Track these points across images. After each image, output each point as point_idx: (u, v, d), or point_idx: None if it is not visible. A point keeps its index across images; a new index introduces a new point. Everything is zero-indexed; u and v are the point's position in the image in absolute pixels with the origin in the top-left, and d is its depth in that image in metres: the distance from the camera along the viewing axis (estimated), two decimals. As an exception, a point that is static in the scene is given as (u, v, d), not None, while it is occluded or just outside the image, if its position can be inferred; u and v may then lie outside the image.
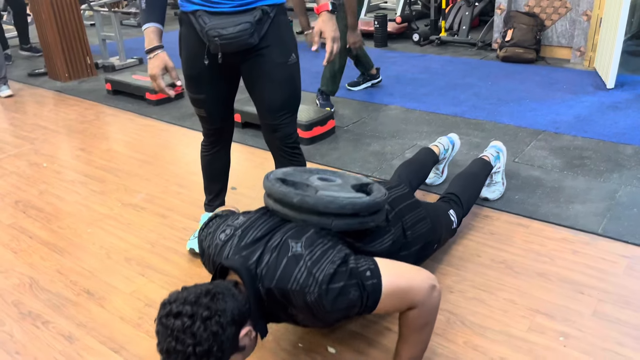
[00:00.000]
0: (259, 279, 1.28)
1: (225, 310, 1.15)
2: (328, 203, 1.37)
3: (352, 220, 1.41)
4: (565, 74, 4.09)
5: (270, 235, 1.37)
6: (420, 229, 1.67)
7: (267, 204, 1.49)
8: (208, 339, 1.11)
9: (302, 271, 1.25)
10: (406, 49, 5.17)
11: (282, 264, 1.27)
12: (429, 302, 1.31)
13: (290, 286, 1.24)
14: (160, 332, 1.14)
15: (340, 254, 1.29)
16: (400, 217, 1.63)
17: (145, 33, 1.66)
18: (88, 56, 4.79)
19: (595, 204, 2.24)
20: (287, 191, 1.41)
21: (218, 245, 1.43)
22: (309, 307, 1.24)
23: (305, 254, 1.28)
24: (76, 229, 2.30)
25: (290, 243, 1.31)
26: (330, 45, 1.71)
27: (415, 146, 2.92)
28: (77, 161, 3.01)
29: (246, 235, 1.39)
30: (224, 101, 1.87)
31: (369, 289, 1.25)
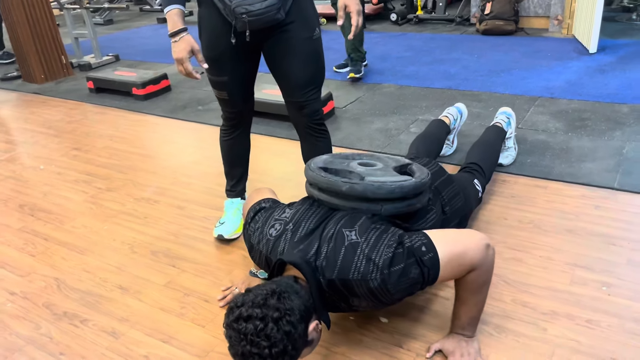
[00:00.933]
0: (320, 271, 1.29)
1: (293, 308, 1.16)
2: (376, 189, 1.38)
3: (401, 204, 1.43)
4: (546, 42, 4.18)
5: (323, 226, 1.37)
6: (456, 203, 1.69)
7: (311, 193, 1.49)
8: (282, 339, 1.12)
9: (361, 259, 1.27)
10: (385, 29, 5.18)
11: (341, 254, 1.29)
12: (487, 261, 1.33)
13: (352, 276, 1.26)
14: (232, 336, 1.14)
15: (395, 236, 1.31)
16: (438, 194, 1.65)
17: (167, 16, 1.62)
18: (63, 56, 4.63)
19: (606, 160, 2.31)
20: (334, 180, 1.41)
21: (270, 241, 1.43)
22: (373, 294, 1.26)
23: (362, 241, 1.30)
24: (92, 227, 2.23)
25: (345, 232, 1.32)
26: (355, 18, 1.70)
27: (417, 120, 2.94)
28: (75, 161, 2.91)
29: (299, 228, 1.39)
30: (246, 82, 1.84)
31: (428, 264, 1.26)
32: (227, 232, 2.00)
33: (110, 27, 7.00)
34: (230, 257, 1.95)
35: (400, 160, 1.62)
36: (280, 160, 2.67)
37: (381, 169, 1.51)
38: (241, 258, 1.93)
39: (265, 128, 3.06)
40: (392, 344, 1.48)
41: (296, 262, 1.30)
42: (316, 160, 1.56)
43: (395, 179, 1.43)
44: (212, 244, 2.03)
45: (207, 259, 1.95)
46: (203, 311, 1.68)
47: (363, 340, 1.51)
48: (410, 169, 1.56)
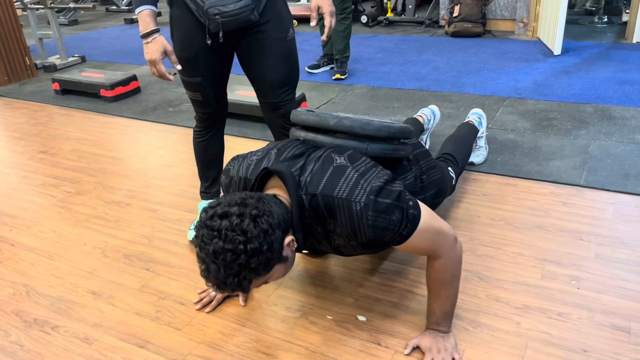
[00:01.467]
0: (303, 186, 1.24)
1: (272, 212, 1.12)
2: (365, 124, 1.37)
3: (387, 146, 1.42)
4: (513, 44, 4.28)
5: (309, 152, 1.34)
6: (434, 175, 1.71)
7: (296, 135, 1.46)
8: (259, 236, 1.07)
9: (349, 180, 1.22)
10: (356, 31, 5.22)
11: (328, 172, 1.25)
12: (454, 252, 1.35)
13: (337, 193, 1.21)
14: (204, 235, 1.07)
15: (385, 174, 1.27)
16: (417, 162, 1.66)
17: (139, 17, 1.59)
18: (27, 57, 4.50)
19: (572, 158, 2.38)
20: (322, 116, 1.39)
21: (251, 165, 1.38)
22: (351, 218, 1.20)
23: (351, 166, 1.26)
24: (61, 232, 2.18)
25: (334, 156, 1.29)
26: (328, 19, 1.71)
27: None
28: (42, 164, 2.84)
29: (283, 152, 1.35)
30: (220, 83, 1.83)
31: (410, 217, 1.24)
32: (201, 234, 1.98)
33: (75, 27, 6.84)
34: (205, 259, 1.92)
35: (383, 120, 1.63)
36: (254, 161, 2.66)
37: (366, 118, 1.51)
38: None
39: (238, 129, 3.04)
40: (371, 342, 1.49)
41: (280, 171, 1.24)
42: (300, 109, 1.53)
43: (383, 120, 1.44)
44: (187, 246, 2.01)
45: (182, 261, 1.92)
46: (179, 314, 1.66)
47: (341, 338, 1.51)
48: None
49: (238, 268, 1.07)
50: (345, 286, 1.72)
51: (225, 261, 1.06)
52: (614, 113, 2.80)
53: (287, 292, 1.71)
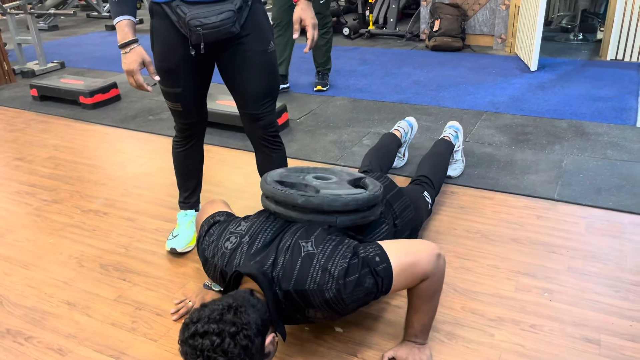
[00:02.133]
0: (276, 282, 1.30)
1: (250, 322, 1.16)
2: (332, 201, 1.41)
3: (355, 216, 1.46)
4: (491, 59, 4.37)
5: (279, 238, 1.39)
6: (407, 215, 1.75)
7: (267, 206, 1.51)
8: (240, 354, 1.12)
9: (317, 270, 1.29)
10: (338, 43, 5.27)
11: (298, 264, 1.30)
12: (437, 271, 1.38)
13: (308, 286, 1.28)
14: (188, 353, 1.13)
15: (350, 247, 1.34)
16: (390, 207, 1.70)
17: (117, 27, 1.59)
18: (5, 62, 4.44)
19: (547, 173, 2.43)
20: (290, 193, 1.43)
21: (225, 254, 1.43)
22: (328, 304, 1.28)
23: (318, 252, 1.32)
24: (36, 241, 2.15)
25: (301, 243, 1.35)
26: (310, 32, 1.73)
27: (370, 133, 3.01)
28: (18, 171, 2.79)
29: (255, 241, 1.40)
30: (200, 93, 1.83)
31: (382, 274, 1.30)
32: (180, 245, 1.98)
33: (55, 32, 6.77)
34: (183, 270, 1.92)
35: (354, 174, 1.65)
36: (234, 171, 2.66)
37: (336, 182, 1.54)
38: (194, 271, 1.90)
39: (219, 139, 3.04)
40: (347, 353, 1.50)
41: (253, 274, 1.30)
42: (272, 173, 1.57)
43: (350, 192, 1.46)
44: (165, 256, 2.00)
45: (159, 272, 1.91)
46: (156, 325, 1.65)
47: (318, 350, 1.52)
48: (364, 183, 1.60)
49: None
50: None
51: None
52: (587, 129, 2.88)
53: (264, 303, 1.71)
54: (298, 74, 4.24)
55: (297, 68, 4.40)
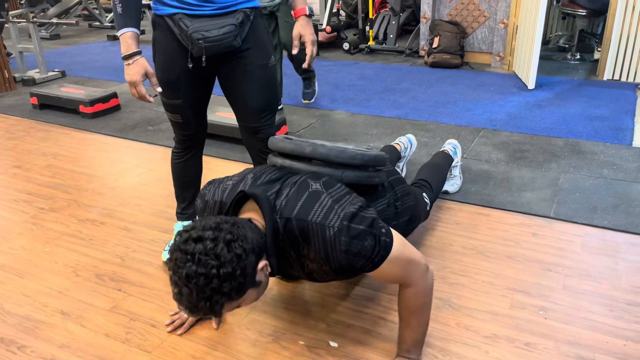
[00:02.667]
0: (278, 210, 1.26)
1: (247, 236, 1.13)
2: (340, 152, 1.41)
3: (361, 173, 1.45)
4: (489, 77, 4.41)
5: (285, 177, 1.36)
6: (408, 201, 1.74)
7: (273, 162, 1.49)
8: (232, 260, 1.08)
9: (323, 205, 1.25)
10: (338, 58, 5.31)
11: (303, 197, 1.27)
12: (424, 281, 1.38)
13: (311, 218, 1.23)
14: (178, 258, 1.08)
15: (360, 200, 1.31)
16: (392, 188, 1.69)
17: (121, 39, 1.61)
18: (6, 70, 4.46)
19: (543, 190, 2.45)
20: (298, 143, 1.43)
21: (227, 189, 1.39)
22: (324, 242, 1.22)
23: (326, 192, 1.29)
24: (32, 249, 2.14)
25: (309, 181, 1.32)
26: (310, 48, 1.75)
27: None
28: (15, 179, 2.80)
29: (260, 177, 1.38)
30: (200, 105, 1.84)
31: (382, 244, 1.26)
32: (176, 256, 1.97)
33: (57, 41, 6.81)
34: (178, 281, 1.91)
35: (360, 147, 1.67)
36: (232, 183, 2.67)
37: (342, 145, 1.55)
38: (190, 282, 1.90)
39: (217, 150, 3.05)
40: (341, 368, 1.50)
41: (255, 194, 1.26)
42: (278, 136, 1.56)
43: (358, 148, 1.47)
44: (161, 267, 2.00)
45: (154, 282, 1.91)
46: (150, 336, 1.64)
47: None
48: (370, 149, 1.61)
49: (210, 292, 1.08)
50: (318, 311, 1.72)
51: (198, 285, 1.07)
52: (583, 147, 2.90)
53: (259, 316, 1.71)
54: (297, 88, 4.27)
55: (297, 81, 4.43)
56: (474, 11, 4.79)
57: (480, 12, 4.77)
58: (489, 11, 4.73)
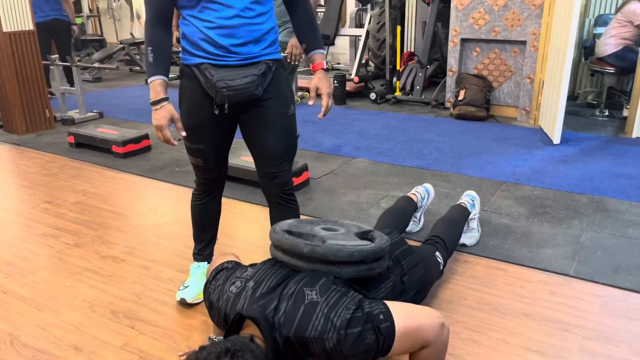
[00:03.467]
0: (277, 327, 1.31)
1: None
2: (337, 251, 1.44)
3: (360, 267, 1.47)
4: (514, 130, 4.41)
5: (284, 285, 1.41)
6: (416, 274, 1.75)
7: (275, 255, 1.54)
8: None
9: (319, 318, 1.29)
10: (364, 107, 5.42)
11: (300, 311, 1.31)
12: (440, 340, 1.37)
13: (309, 334, 1.28)
14: None
15: (354, 299, 1.35)
16: (398, 264, 1.70)
17: (151, 85, 1.70)
18: (47, 109, 4.70)
19: (564, 248, 2.40)
20: (296, 242, 1.46)
21: (230, 297, 1.45)
22: (327, 354, 1.28)
23: (321, 300, 1.33)
24: (53, 283, 2.21)
25: (306, 291, 1.36)
26: (326, 100, 1.82)
27: (388, 196, 3.04)
28: (46, 214, 2.91)
29: (259, 285, 1.43)
30: (221, 151, 1.91)
31: (384, 332, 1.30)
32: (189, 296, 2.00)
33: (98, 84, 7.15)
34: (190, 321, 1.93)
35: (363, 227, 1.68)
36: (251, 226, 2.71)
37: (343, 234, 1.57)
38: (201, 323, 1.92)
39: (240, 193, 3.12)
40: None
41: (254, 317, 1.31)
42: (282, 224, 1.62)
43: (356, 243, 1.48)
44: (174, 307, 2.02)
45: (167, 322, 1.93)
46: (157, 377, 1.65)
47: (316, 415, 1.49)
48: (372, 235, 1.62)
49: None
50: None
51: None
52: (608, 205, 2.85)
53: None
54: (323, 135, 4.36)
55: (323, 129, 4.52)
56: (500, 66, 4.86)
57: (506, 67, 4.83)
58: (515, 66, 4.78)
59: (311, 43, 1.86)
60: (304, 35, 1.86)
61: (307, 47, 1.87)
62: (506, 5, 4.62)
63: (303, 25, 1.86)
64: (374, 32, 6.37)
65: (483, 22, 4.77)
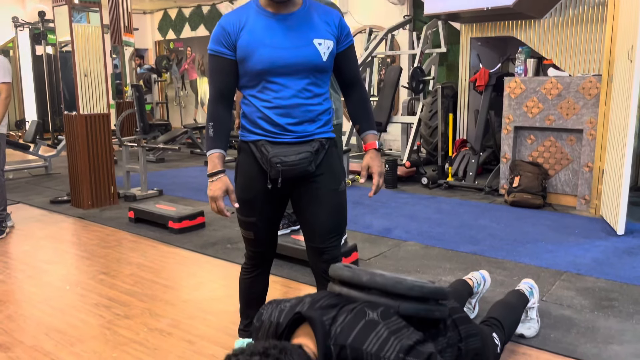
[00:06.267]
0: (332, 336, 1.25)
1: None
2: (397, 283, 1.39)
3: (420, 306, 1.41)
4: (573, 219, 4.25)
5: (342, 304, 1.36)
6: (473, 343, 1.64)
7: (332, 289, 1.50)
8: None
9: (379, 334, 1.23)
10: (416, 191, 5.41)
11: (359, 325, 1.26)
12: None
13: (366, 347, 1.21)
14: None
15: (418, 334, 1.27)
16: (455, 327, 1.61)
17: (209, 158, 1.79)
18: (112, 186, 4.97)
19: (633, 345, 2.21)
20: (357, 272, 1.43)
21: (284, 310, 1.40)
22: None
23: (383, 322, 1.27)
24: (101, 353, 2.22)
25: (367, 310, 1.31)
26: (377, 179, 1.85)
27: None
28: (100, 284, 2.99)
29: (318, 301, 1.38)
30: (272, 225, 1.95)
31: None
32: (232, 374, 1.95)
33: (161, 165, 7.55)
34: (232, 401, 1.87)
35: None
36: (298, 306, 2.67)
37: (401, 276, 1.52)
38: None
39: (288, 272, 3.10)
40: None
41: (311, 317, 1.25)
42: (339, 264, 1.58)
43: (417, 279, 1.44)
44: (216, 384, 1.98)
45: (208, 400, 1.88)
46: None
47: None
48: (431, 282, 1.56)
49: None
50: None
51: None
52: (682, 301, 2.63)
53: None
54: (373, 217, 4.35)
55: (372, 211, 4.52)
56: (556, 154, 4.79)
57: (562, 155, 4.75)
58: (572, 154, 4.70)
59: (364, 124, 1.92)
60: (357, 116, 1.93)
61: (360, 128, 1.93)
62: (560, 95, 4.63)
63: (357, 108, 1.93)
64: (426, 120, 6.49)
65: (537, 110, 4.79)
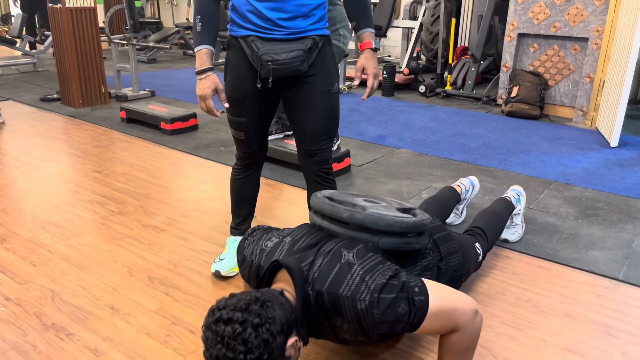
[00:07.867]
0: (310, 282, 1.29)
1: (275, 318, 1.16)
2: (376, 219, 1.41)
3: (399, 240, 1.44)
4: (569, 131, 4.23)
5: (321, 244, 1.39)
6: (453, 261, 1.70)
7: (314, 221, 1.52)
8: (259, 346, 1.12)
9: (354, 278, 1.27)
10: (413, 99, 5.33)
11: (335, 269, 1.29)
12: (472, 326, 1.32)
13: (342, 291, 1.25)
14: (209, 338, 1.14)
15: (391, 268, 1.32)
16: (436, 248, 1.66)
17: (197, 54, 1.72)
18: (103, 85, 4.86)
19: (613, 251, 2.28)
20: (336, 207, 1.44)
21: (264, 250, 1.44)
22: (357, 316, 1.24)
23: (357, 263, 1.30)
24: (96, 246, 2.28)
25: (343, 251, 1.34)
26: (371, 81, 1.79)
27: (430, 188, 2.97)
28: (94, 182, 3.01)
29: (297, 242, 1.41)
30: (263, 125, 1.92)
31: (418, 305, 1.26)
32: (224, 269, 2.02)
33: (152, 65, 7.34)
34: (223, 292, 1.95)
35: (404, 204, 1.65)
36: (289, 207, 2.71)
37: (384, 207, 1.54)
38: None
39: (281, 176, 3.13)
40: (369, 402, 1.45)
41: (289, 266, 1.29)
42: (324, 192, 1.61)
43: (397, 215, 1.46)
44: (209, 278, 2.05)
45: (200, 291, 1.96)
46: (187, 342, 1.68)
47: (340, 394, 1.48)
48: (413, 212, 1.59)
49: None
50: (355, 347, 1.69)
51: None
52: (665, 211, 2.69)
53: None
54: (367, 124, 4.31)
55: (368, 119, 4.48)
56: (558, 63, 4.67)
57: (565, 65, 4.63)
58: (575, 64, 4.58)
59: (361, 21, 1.83)
60: (354, 12, 1.83)
61: (357, 26, 1.84)
62: (569, 0, 4.42)
63: (355, 4, 1.83)
64: (427, 25, 6.24)
65: (543, 16, 4.59)
